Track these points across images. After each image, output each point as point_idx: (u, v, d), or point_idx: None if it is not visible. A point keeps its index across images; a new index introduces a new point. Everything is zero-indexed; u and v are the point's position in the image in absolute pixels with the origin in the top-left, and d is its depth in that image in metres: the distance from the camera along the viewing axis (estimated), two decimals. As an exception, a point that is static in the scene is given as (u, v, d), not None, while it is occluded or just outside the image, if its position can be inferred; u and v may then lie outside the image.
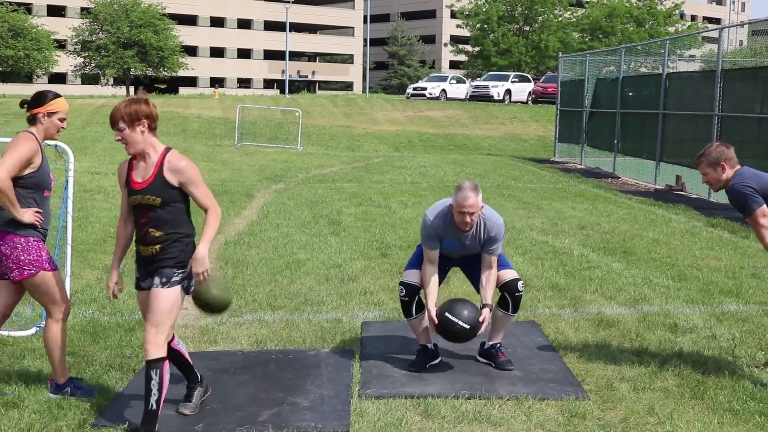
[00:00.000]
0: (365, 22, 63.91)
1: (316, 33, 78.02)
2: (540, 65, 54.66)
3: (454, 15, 61.29)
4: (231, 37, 69.43)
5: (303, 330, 5.96)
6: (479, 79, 46.77)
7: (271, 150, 23.35)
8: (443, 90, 44.31)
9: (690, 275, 7.92)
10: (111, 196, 12.50)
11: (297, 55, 72.14)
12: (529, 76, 46.62)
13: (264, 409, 4.48)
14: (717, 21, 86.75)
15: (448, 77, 47.19)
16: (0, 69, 47.93)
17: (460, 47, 57.70)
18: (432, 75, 53.18)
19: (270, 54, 70.85)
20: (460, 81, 46.68)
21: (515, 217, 11.28)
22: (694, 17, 79.04)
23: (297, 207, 12.04)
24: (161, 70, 49.79)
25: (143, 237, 4.15)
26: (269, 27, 70.44)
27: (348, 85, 76.33)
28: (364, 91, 63.97)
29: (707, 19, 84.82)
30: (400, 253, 8.65)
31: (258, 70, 71.11)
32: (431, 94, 44.08)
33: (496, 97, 41.29)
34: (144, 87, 54.66)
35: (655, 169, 16.42)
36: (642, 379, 4.97)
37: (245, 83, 70.44)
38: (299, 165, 19.26)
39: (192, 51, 61.18)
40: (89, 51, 48.46)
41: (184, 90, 61.68)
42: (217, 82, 67.89)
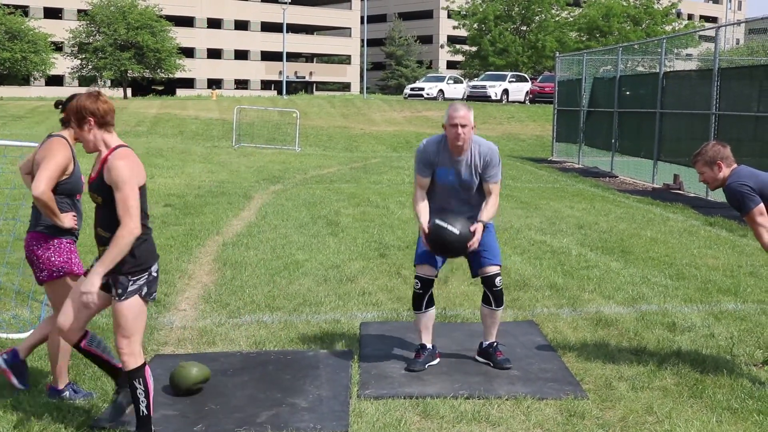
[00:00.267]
0: (362, 22, 63.85)
1: (313, 34, 78.03)
2: (537, 65, 54.77)
3: (450, 15, 61.32)
4: (228, 39, 69.41)
5: (301, 331, 5.96)
6: (476, 79, 46.84)
7: (269, 151, 23.33)
8: (440, 90, 44.40)
9: (688, 274, 7.93)
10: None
11: (294, 56, 72.10)
12: (527, 75, 46.66)
13: (263, 410, 4.48)
14: (714, 20, 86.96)
15: (445, 77, 47.23)
16: (-4, 71, 47.90)
17: (457, 47, 57.76)
18: (429, 75, 53.26)
19: (267, 55, 70.86)
20: (457, 81, 46.73)
21: (513, 217, 11.28)
22: (690, 16, 79.19)
23: (295, 208, 12.03)
24: (158, 71, 49.72)
25: (95, 236, 4.04)
26: (266, 28, 70.46)
27: (345, 86, 76.32)
28: (361, 92, 64.01)
29: (704, 18, 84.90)
30: (398, 254, 8.65)
31: (255, 71, 71.09)
32: (429, 94, 44.17)
33: (493, 97, 41.30)
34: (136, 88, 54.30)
35: (653, 168, 16.44)
36: (640, 378, 4.98)
37: (242, 84, 70.41)
38: (297, 166, 19.26)
39: (189, 53, 61.13)
40: (86, 53, 48.35)
41: (181, 92, 61.71)
42: (215, 83, 67.87)
